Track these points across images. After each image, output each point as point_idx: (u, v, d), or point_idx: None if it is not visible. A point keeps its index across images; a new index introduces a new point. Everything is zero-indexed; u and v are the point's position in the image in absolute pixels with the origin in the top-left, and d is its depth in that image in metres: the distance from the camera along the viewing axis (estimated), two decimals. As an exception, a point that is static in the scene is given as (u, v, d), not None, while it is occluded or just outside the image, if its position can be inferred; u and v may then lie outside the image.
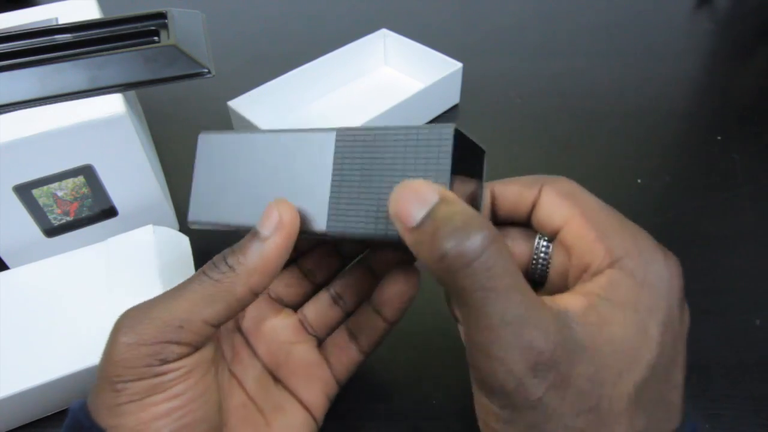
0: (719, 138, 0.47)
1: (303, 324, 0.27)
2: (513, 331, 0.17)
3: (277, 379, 0.25)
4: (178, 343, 0.20)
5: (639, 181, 0.43)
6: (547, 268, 0.23)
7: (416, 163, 0.20)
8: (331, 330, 0.27)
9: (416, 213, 0.18)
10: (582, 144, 0.47)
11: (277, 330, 0.26)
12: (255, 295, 0.21)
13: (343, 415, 0.29)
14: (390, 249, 0.25)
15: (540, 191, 0.22)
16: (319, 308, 0.27)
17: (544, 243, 0.23)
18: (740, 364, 0.32)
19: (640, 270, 0.19)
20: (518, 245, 0.23)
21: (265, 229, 0.20)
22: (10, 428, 0.30)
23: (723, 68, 0.57)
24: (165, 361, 0.19)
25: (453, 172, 0.19)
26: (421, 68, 0.52)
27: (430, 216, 0.18)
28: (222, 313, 0.20)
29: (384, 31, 0.53)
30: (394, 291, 0.24)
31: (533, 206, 0.23)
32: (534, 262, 0.23)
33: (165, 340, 0.19)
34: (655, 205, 0.41)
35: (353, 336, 0.26)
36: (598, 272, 0.19)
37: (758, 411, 0.30)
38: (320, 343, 0.27)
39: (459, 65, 0.48)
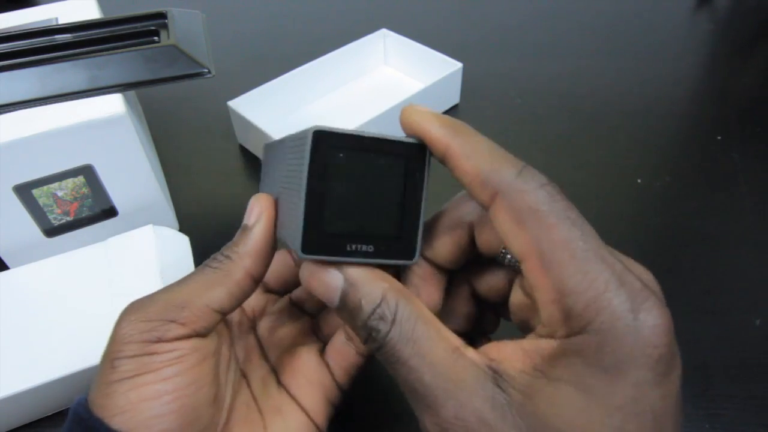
0: (719, 138, 0.47)
1: (314, 329, 0.27)
2: (420, 400, 0.17)
3: (280, 382, 0.26)
4: (177, 322, 0.21)
5: (639, 181, 0.43)
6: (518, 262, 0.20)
7: (296, 170, 0.19)
8: None
9: (332, 297, 0.19)
10: (582, 144, 0.47)
11: (289, 334, 0.27)
12: (252, 278, 0.22)
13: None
14: None
15: (494, 198, 0.18)
16: (330, 313, 0.27)
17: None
18: (740, 364, 0.32)
19: (593, 346, 0.16)
20: (487, 231, 0.21)
21: (250, 221, 0.23)
22: (10, 428, 0.30)
23: (723, 68, 0.57)
24: (161, 340, 0.20)
25: (322, 178, 0.18)
26: (421, 68, 0.52)
27: (343, 305, 0.19)
28: (223, 297, 0.21)
29: (384, 31, 0.53)
30: None
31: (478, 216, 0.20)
32: (503, 250, 0.21)
33: (166, 318, 0.20)
34: (655, 205, 0.41)
35: (350, 337, 0.26)
36: (549, 335, 0.17)
37: (758, 411, 0.30)
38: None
39: (459, 65, 0.48)
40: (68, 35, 0.36)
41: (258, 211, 0.22)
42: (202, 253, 0.36)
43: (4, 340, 0.29)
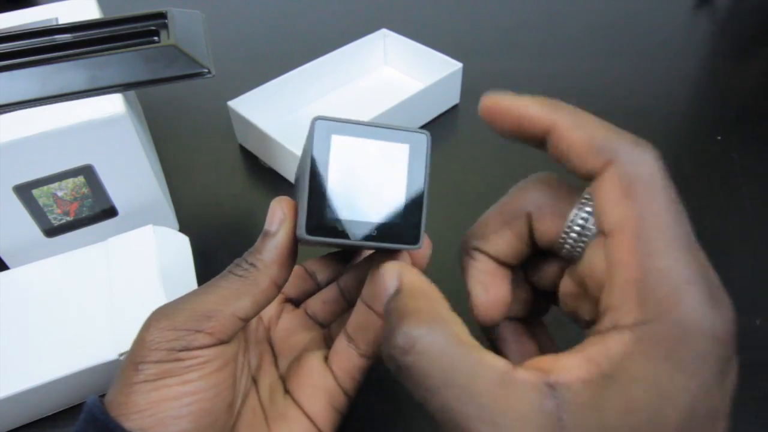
0: (719, 138, 0.47)
1: (324, 337, 0.28)
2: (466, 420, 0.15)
3: (287, 389, 0.26)
4: (204, 332, 0.21)
5: (639, 181, 0.43)
6: (580, 249, 0.19)
7: (304, 161, 0.20)
8: None
9: (384, 299, 0.19)
10: (582, 144, 0.47)
11: (301, 342, 0.27)
12: (276, 286, 0.22)
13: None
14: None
15: (607, 166, 0.17)
16: (342, 322, 0.28)
17: (581, 220, 0.19)
18: (740, 364, 0.32)
19: (679, 343, 0.15)
20: (547, 220, 0.20)
21: (273, 227, 0.22)
22: (11, 428, 0.30)
23: (723, 68, 0.57)
24: (187, 348, 0.20)
25: (326, 164, 0.19)
26: (421, 68, 0.52)
27: (391, 310, 0.19)
28: (249, 306, 0.22)
29: (384, 31, 0.53)
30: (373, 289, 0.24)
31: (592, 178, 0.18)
32: (562, 238, 0.19)
33: (193, 328, 0.21)
34: (655, 205, 0.41)
35: (350, 339, 0.26)
36: (620, 327, 0.16)
37: (758, 411, 0.30)
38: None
39: (459, 65, 0.48)
40: (68, 35, 0.36)
41: (280, 216, 0.22)
42: (202, 253, 0.36)
43: (4, 340, 0.29)
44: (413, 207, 0.20)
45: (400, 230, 0.20)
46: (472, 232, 0.23)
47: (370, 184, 0.20)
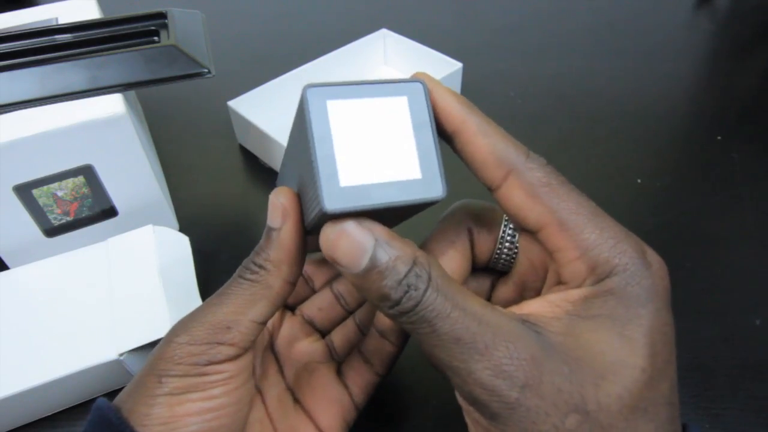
0: (719, 138, 0.47)
1: (329, 348, 0.27)
2: (469, 348, 0.17)
3: (297, 401, 0.25)
4: (225, 344, 0.20)
5: (639, 181, 0.43)
6: (513, 258, 0.22)
7: (303, 138, 0.19)
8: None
9: (359, 260, 0.18)
10: (582, 144, 0.47)
11: (305, 352, 0.27)
12: (290, 284, 0.22)
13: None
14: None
15: (507, 176, 0.19)
16: (345, 333, 0.27)
17: (510, 232, 0.22)
18: (740, 364, 0.32)
19: (622, 284, 0.18)
20: (482, 237, 0.23)
21: (275, 222, 0.21)
22: (11, 428, 0.30)
23: (723, 68, 0.57)
24: (211, 362, 0.20)
25: (327, 131, 0.18)
26: (421, 68, 0.51)
27: (371, 267, 0.18)
28: (266, 310, 0.21)
29: (384, 31, 0.53)
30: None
31: (497, 188, 0.20)
32: (498, 251, 0.23)
33: (214, 341, 0.20)
34: (655, 205, 0.41)
35: (366, 359, 0.26)
36: (576, 287, 0.19)
37: (758, 411, 0.30)
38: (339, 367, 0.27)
39: (459, 65, 0.48)
40: (68, 35, 0.36)
41: (282, 211, 0.21)
42: (202, 253, 0.36)
43: (4, 340, 0.29)
44: (428, 157, 0.19)
45: (420, 184, 0.19)
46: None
47: (378, 143, 0.19)
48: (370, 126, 0.19)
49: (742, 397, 0.30)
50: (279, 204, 0.21)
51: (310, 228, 0.21)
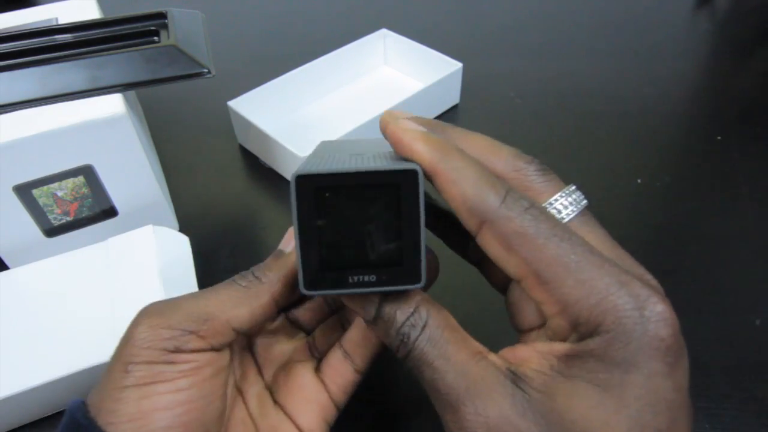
0: (719, 138, 0.47)
1: (309, 346, 0.27)
2: (443, 399, 0.18)
3: (276, 401, 0.25)
4: (197, 334, 0.20)
5: (639, 181, 0.43)
6: None
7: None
8: None
9: (369, 311, 0.20)
10: (582, 144, 0.47)
11: (283, 351, 0.27)
12: (276, 305, 0.22)
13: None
14: None
15: (481, 226, 0.18)
16: (326, 329, 0.27)
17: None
18: (740, 364, 0.32)
19: (603, 345, 0.17)
20: None
21: (287, 248, 0.23)
22: (10, 428, 0.30)
23: (723, 68, 0.57)
24: (179, 350, 0.20)
25: (312, 217, 0.19)
26: (421, 68, 0.52)
27: (378, 316, 0.20)
28: (245, 317, 0.22)
29: (384, 31, 0.53)
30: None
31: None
32: None
33: (187, 329, 0.20)
34: (655, 205, 0.41)
35: (347, 354, 0.26)
36: (561, 340, 0.18)
37: (758, 411, 0.30)
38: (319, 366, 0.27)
39: (459, 65, 0.48)
40: (68, 35, 0.36)
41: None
42: (202, 253, 0.36)
43: (4, 340, 0.29)
44: (411, 246, 0.19)
45: (400, 272, 0.19)
46: None
47: (363, 230, 0.19)
48: (357, 213, 0.19)
49: (742, 397, 0.30)
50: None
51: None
